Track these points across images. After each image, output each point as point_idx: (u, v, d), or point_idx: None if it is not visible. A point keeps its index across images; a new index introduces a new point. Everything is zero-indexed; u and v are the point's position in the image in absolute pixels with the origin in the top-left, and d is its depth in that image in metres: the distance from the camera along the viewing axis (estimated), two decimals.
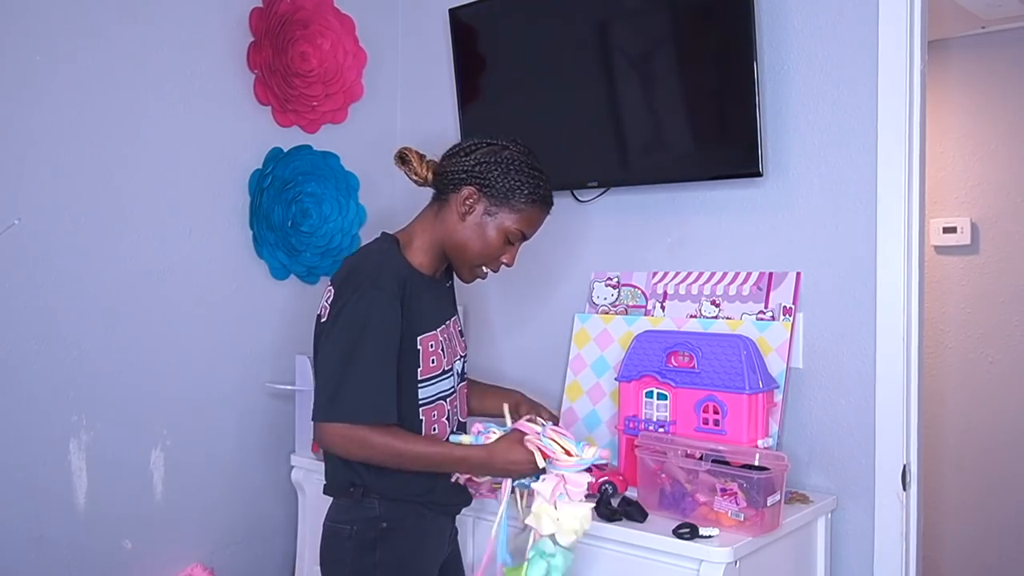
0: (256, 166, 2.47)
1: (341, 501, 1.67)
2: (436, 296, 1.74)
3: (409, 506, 1.65)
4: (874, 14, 1.92)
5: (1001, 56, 3.19)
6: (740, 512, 1.68)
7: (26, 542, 2.06)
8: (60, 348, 2.11)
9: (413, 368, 1.64)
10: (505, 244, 1.69)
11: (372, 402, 1.55)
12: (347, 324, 1.57)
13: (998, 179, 3.21)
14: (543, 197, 1.69)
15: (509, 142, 1.70)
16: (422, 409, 1.66)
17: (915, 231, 1.92)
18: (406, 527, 1.65)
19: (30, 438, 2.07)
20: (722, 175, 2.10)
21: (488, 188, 1.65)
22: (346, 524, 1.64)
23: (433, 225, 1.71)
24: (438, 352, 1.67)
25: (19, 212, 2.04)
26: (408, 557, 1.65)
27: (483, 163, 1.65)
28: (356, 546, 1.63)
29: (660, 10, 2.13)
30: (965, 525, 3.29)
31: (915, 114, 1.91)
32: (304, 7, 2.51)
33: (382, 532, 1.63)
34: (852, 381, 1.97)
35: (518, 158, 1.67)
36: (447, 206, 1.69)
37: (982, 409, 3.24)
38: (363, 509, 1.64)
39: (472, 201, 1.66)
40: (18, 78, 2.03)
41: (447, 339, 1.71)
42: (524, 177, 1.65)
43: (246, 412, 2.47)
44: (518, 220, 1.68)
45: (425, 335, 1.65)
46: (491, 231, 1.67)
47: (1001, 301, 3.21)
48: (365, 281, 1.59)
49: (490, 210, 1.66)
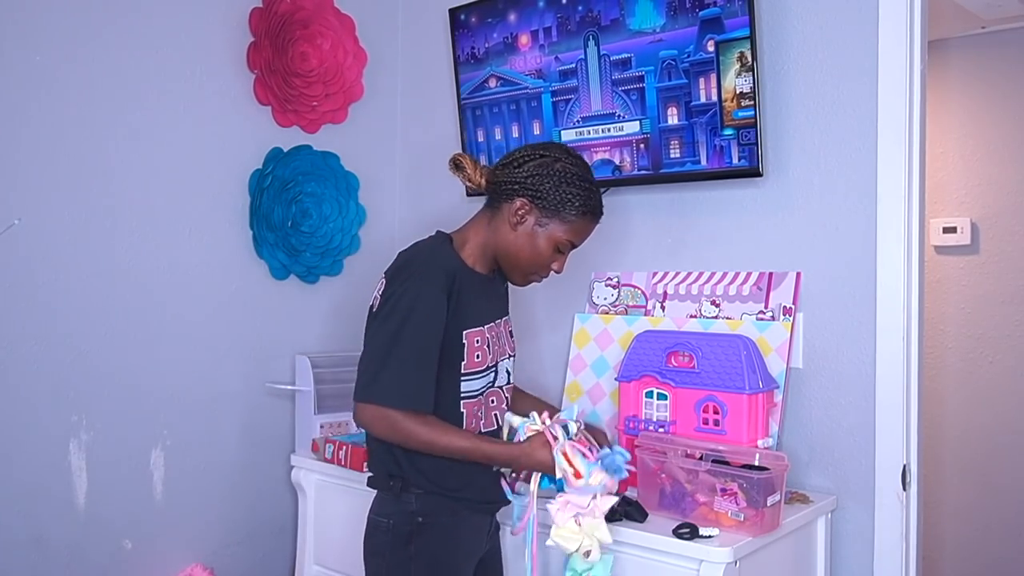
0: (256, 166, 2.47)
1: (383, 495, 1.72)
2: (488, 295, 1.78)
3: (443, 500, 1.68)
4: (874, 14, 1.92)
5: (1001, 56, 3.19)
6: (740, 512, 1.68)
7: (26, 542, 2.06)
8: (60, 348, 2.11)
9: (457, 361, 1.67)
10: (555, 253, 1.74)
11: (408, 390, 1.60)
12: (393, 312, 1.62)
13: (998, 179, 3.21)
14: (593, 209, 1.74)
15: (562, 154, 1.73)
16: (463, 402, 1.69)
17: (915, 231, 1.92)
18: (440, 522, 1.68)
19: (30, 438, 2.07)
20: (722, 175, 2.10)
21: (540, 200, 1.68)
22: (385, 517, 1.70)
23: (486, 230, 1.74)
24: (483, 348, 1.71)
25: (19, 212, 2.04)
26: (442, 551, 1.68)
27: (535, 175, 1.68)
28: (393, 539, 1.68)
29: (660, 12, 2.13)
30: (965, 525, 3.29)
31: (915, 114, 1.91)
32: (304, 7, 2.51)
33: (418, 526, 1.66)
34: (852, 381, 1.97)
35: (570, 171, 1.70)
36: (499, 214, 1.72)
37: (982, 409, 3.24)
38: (401, 503, 1.68)
39: (524, 212, 1.69)
40: (17, 78, 2.03)
41: (495, 337, 1.75)
42: (575, 190, 1.69)
43: (246, 412, 2.47)
44: (568, 231, 1.72)
45: (471, 330, 1.69)
46: (541, 241, 1.71)
47: (1001, 301, 3.21)
48: (414, 273, 1.64)
49: (541, 221, 1.70)
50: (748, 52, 2.04)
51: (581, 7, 2.26)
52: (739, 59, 2.04)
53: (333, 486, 2.31)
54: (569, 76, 2.33)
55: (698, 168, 2.15)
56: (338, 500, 2.29)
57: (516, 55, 2.41)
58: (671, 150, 2.15)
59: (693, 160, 2.15)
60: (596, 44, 2.26)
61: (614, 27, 2.21)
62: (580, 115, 2.33)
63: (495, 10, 2.42)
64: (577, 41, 2.28)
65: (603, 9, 2.22)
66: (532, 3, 2.35)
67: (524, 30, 2.38)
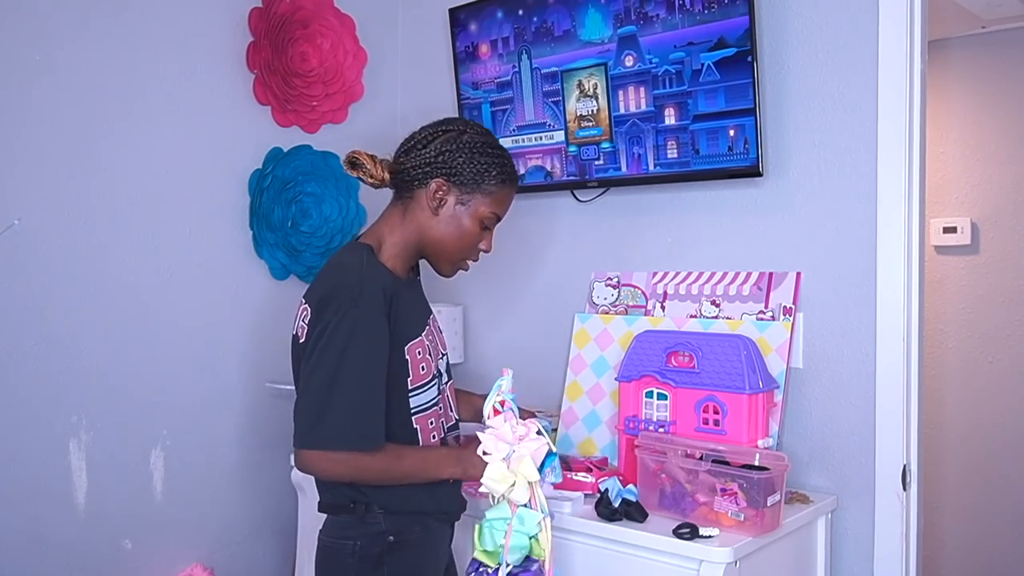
0: (256, 166, 2.47)
1: (340, 517, 1.62)
2: (414, 299, 1.68)
3: (415, 517, 1.61)
4: (874, 14, 1.92)
5: (1001, 56, 3.19)
6: (740, 512, 1.68)
7: (26, 542, 2.06)
8: (60, 348, 2.11)
9: (403, 379, 1.58)
10: (481, 231, 1.65)
11: (356, 428, 1.49)
12: (330, 347, 1.49)
13: (998, 179, 3.21)
14: (511, 175, 1.65)
15: (464, 126, 1.65)
16: (415, 418, 1.61)
17: (915, 231, 1.92)
18: (413, 539, 1.60)
19: (30, 438, 2.06)
20: (722, 175, 2.10)
21: (456, 177, 1.60)
22: (349, 540, 1.58)
23: (402, 225, 1.64)
24: (426, 358, 1.62)
25: (19, 212, 2.04)
26: (416, 568, 1.61)
27: (445, 152, 1.60)
28: (360, 562, 1.57)
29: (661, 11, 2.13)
30: (965, 525, 3.29)
31: (915, 114, 1.91)
32: (304, 7, 2.51)
33: (389, 546, 1.57)
34: (852, 381, 1.97)
35: (478, 139, 1.62)
36: (414, 203, 1.63)
37: (983, 409, 3.24)
38: (366, 524, 1.58)
39: (443, 193, 1.60)
40: (17, 78, 2.03)
41: (431, 342, 1.66)
42: (489, 159, 1.61)
43: (246, 412, 2.47)
44: (491, 203, 1.63)
45: (412, 343, 1.59)
46: (466, 220, 1.62)
47: (1001, 301, 3.21)
48: (347, 299, 1.50)
49: (462, 199, 1.61)
50: (587, 80, 2.27)
51: (536, 18, 2.34)
52: (578, 86, 2.28)
53: None
54: (505, 88, 2.47)
55: (619, 175, 2.25)
56: None
57: (477, 63, 2.50)
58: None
59: (615, 167, 2.27)
60: (528, 57, 2.37)
61: (566, 37, 2.30)
62: (519, 123, 2.46)
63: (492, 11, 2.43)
64: (535, 50, 2.38)
65: (556, 20, 2.30)
66: (520, 6, 2.38)
67: (484, 39, 2.47)
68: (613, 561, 1.73)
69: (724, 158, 2.08)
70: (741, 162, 2.05)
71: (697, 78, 2.09)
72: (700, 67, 2.08)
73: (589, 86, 2.28)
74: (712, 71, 2.06)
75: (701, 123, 2.11)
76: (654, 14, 2.13)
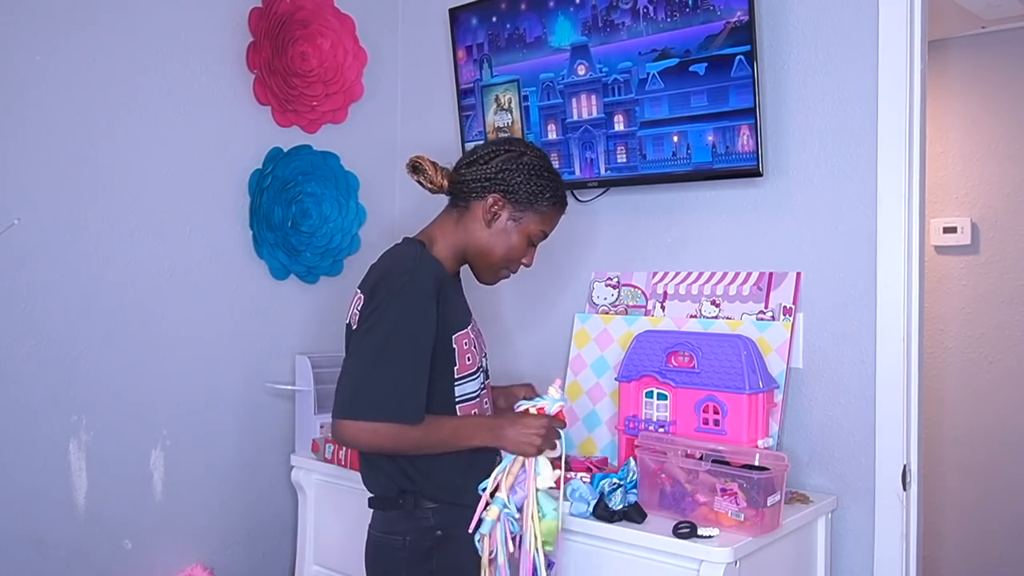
0: (256, 166, 2.47)
1: (390, 512, 1.66)
2: (458, 295, 1.77)
3: (462, 511, 1.62)
4: (874, 14, 1.92)
5: (1001, 56, 3.19)
6: (740, 512, 1.67)
7: (26, 543, 2.06)
8: (59, 348, 2.11)
9: (449, 367, 1.65)
10: (527, 246, 1.75)
11: (395, 402, 1.55)
12: (378, 324, 1.57)
13: (998, 179, 3.21)
14: (562, 199, 1.75)
15: (525, 147, 1.74)
16: (460, 407, 1.66)
17: (915, 231, 1.92)
18: (460, 533, 1.61)
19: (29, 438, 2.06)
20: (722, 175, 2.10)
21: (512, 194, 1.69)
22: (398, 535, 1.63)
23: (455, 231, 1.72)
24: (472, 349, 1.69)
25: (19, 212, 2.04)
26: (464, 563, 1.63)
27: (505, 170, 1.69)
28: (411, 557, 1.62)
29: (660, 14, 2.13)
30: (965, 525, 3.29)
31: (915, 114, 1.91)
32: (304, 7, 2.51)
33: (437, 541, 1.63)
34: (852, 381, 1.97)
35: (536, 163, 1.71)
36: (469, 213, 1.71)
37: (983, 409, 3.24)
38: (415, 519, 1.63)
39: (498, 208, 1.69)
40: (17, 78, 2.03)
41: (476, 336, 1.74)
42: (545, 182, 1.71)
43: (246, 412, 2.47)
44: (541, 222, 1.73)
45: (459, 333, 1.67)
46: (516, 235, 1.72)
47: (1002, 301, 3.21)
48: (397, 284, 1.59)
49: (515, 215, 1.70)
50: (503, 95, 2.37)
51: (509, 24, 2.39)
52: (496, 100, 2.42)
53: (333, 486, 2.31)
54: (468, 95, 2.54)
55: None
56: (338, 500, 2.29)
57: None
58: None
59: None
60: (490, 67, 2.44)
61: (537, 44, 2.35)
62: (477, 129, 2.54)
63: (498, 11, 2.43)
64: (503, 57, 2.44)
65: (528, 27, 2.36)
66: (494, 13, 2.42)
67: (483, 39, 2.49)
68: (613, 561, 1.72)
69: (723, 158, 2.08)
70: (741, 162, 2.05)
71: (643, 86, 2.16)
72: (645, 76, 2.15)
73: (504, 100, 2.42)
74: (656, 80, 2.14)
75: (647, 129, 2.19)
76: (620, 21, 2.18)
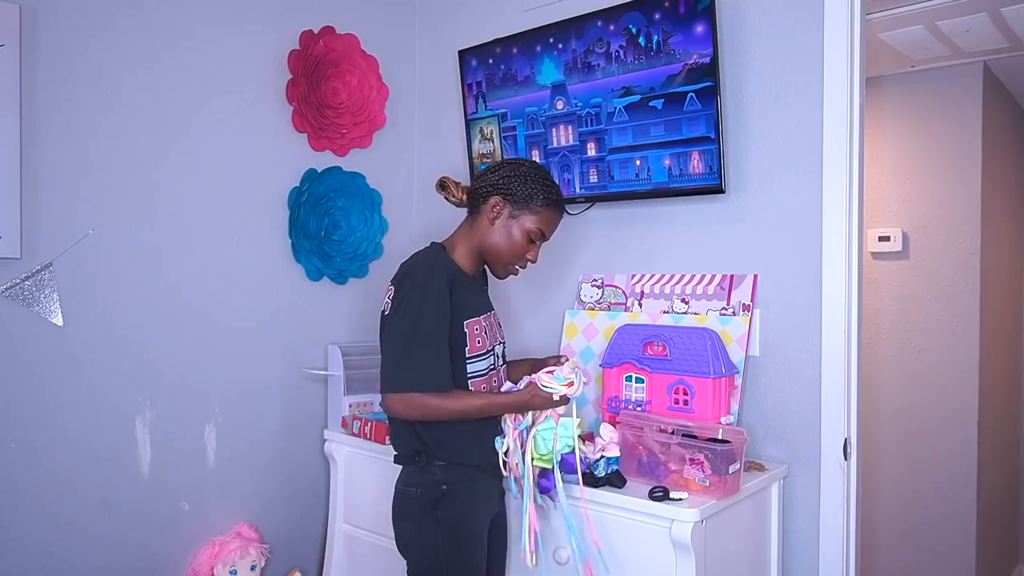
0: (294, 184, 2.46)
1: (409, 468, 1.71)
2: (477, 292, 1.80)
3: (464, 469, 1.69)
4: (819, 55, 1.92)
5: (927, 91, 3.20)
6: (706, 479, 1.67)
7: (98, 505, 2.06)
8: (128, 340, 2.11)
9: (462, 348, 1.68)
10: (528, 243, 1.76)
11: (429, 374, 1.61)
12: (406, 314, 1.62)
13: (926, 195, 3.21)
14: (555, 201, 1.77)
15: (526, 161, 1.79)
16: (471, 381, 1.70)
17: (855, 239, 1.92)
18: (462, 488, 1.68)
19: (102, 416, 2.07)
20: (690, 192, 2.10)
21: (511, 195, 1.72)
22: (414, 487, 1.68)
23: (470, 234, 1.77)
24: (482, 335, 1.72)
25: (93, 224, 2.04)
26: (463, 513, 1.68)
27: (505, 176, 1.74)
28: (421, 505, 1.67)
29: (629, 56, 2.13)
30: (896, 489, 3.29)
31: (854, 140, 1.91)
32: (335, 49, 2.51)
33: (443, 493, 1.66)
34: (801, 367, 1.97)
35: (533, 171, 1.75)
36: (479, 216, 1.76)
37: (911, 391, 3.25)
38: (426, 474, 1.68)
39: (499, 208, 1.73)
40: (91, 109, 2.03)
41: (488, 325, 1.76)
42: (539, 185, 1.74)
43: (286, 393, 2.47)
44: (537, 221, 1.74)
45: (471, 320, 1.70)
46: (516, 231, 1.74)
47: (928, 299, 3.21)
48: (419, 279, 1.65)
49: (513, 213, 1.73)
50: (486, 127, 2.42)
51: (503, 65, 2.41)
52: (480, 131, 2.47)
53: (360, 456, 2.31)
54: None
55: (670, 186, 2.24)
56: (364, 468, 2.29)
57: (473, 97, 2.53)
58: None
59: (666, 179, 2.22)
60: (484, 102, 2.47)
61: (526, 82, 2.36)
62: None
63: (495, 54, 2.43)
64: (497, 93, 2.44)
65: (518, 68, 2.37)
66: (490, 55, 2.41)
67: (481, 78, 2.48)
68: (598, 521, 1.72)
69: (678, 179, 2.09)
70: (694, 182, 2.05)
71: (611, 119, 2.18)
72: (613, 110, 2.17)
73: (487, 131, 2.46)
74: (622, 113, 2.16)
75: (615, 155, 2.20)
76: (596, 63, 2.19)
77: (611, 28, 2.14)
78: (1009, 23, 2.67)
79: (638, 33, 2.09)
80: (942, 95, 3.16)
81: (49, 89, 1.95)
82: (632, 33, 2.10)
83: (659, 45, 2.05)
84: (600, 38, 2.17)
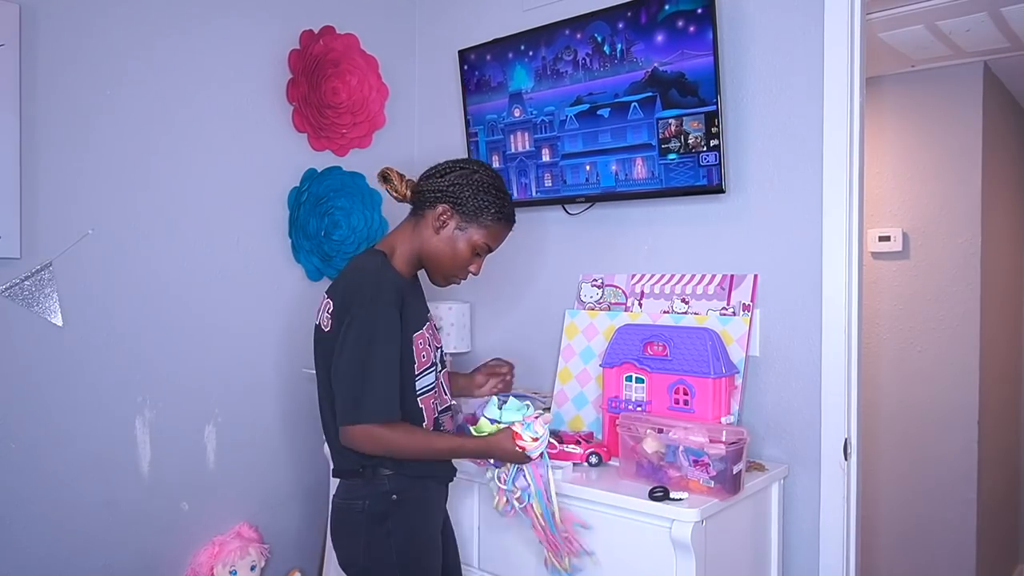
0: (294, 184, 2.46)
1: (352, 481, 1.62)
2: (416, 296, 1.70)
3: (416, 480, 1.61)
4: (820, 55, 1.92)
5: (928, 91, 3.20)
6: (710, 479, 1.67)
7: (98, 504, 2.06)
8: (127, 340, 2.11)
9: (410, 364, 1.59)
10: (473, 256, 1.66)
11: (382, 405, 1.50)
12: (360, 336, 1.50)
13: (926, 195, 3.21)
14: (507, 216, 1.66)
15: (479, 167, 1.66)
16: (420, 399, 1.61)
17: (855, 239, 1.92)
18: (413, 497, 1.60)
19: (102, 415, 2.07)
20: (690, 192, 2.10)
21: (460, 206, 1.61)
22: (358, 500, 1.59)
23: (411, 237, 1.65)
24: (427, 348, 1.63)
25: (92, 224, 2.04)
26: (416, 524, 1.61)
27: (456, 184, 1.61)
28: (368, 519, 1.58)
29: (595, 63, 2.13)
30: (896, 489, 3.30)
31: (855, 140, 1.91)
32: (335, 48, 2.51)
33: (393, 504, 1.58)
34: (801, 367, 1.97)
35: (486, 181, 1.63)
36: (423, 221, 1.64)
37: (911, 391, 3.25)
38: (373, 486, 1.58)
39: (445, 217, 1.62)
40: (91, 109, 2.03)
41: (431, 334, 1.68)
42: (491, 198, 1.62)
43: (285, 393, 2.47)
44: (485, 235, 1.64)
45: (417, 333, 1.61)
46: (461, 244, 1.63)
47: (928, 299, 3.21)
48: (368, 295, 1.52)
49: (461, 225, 1.62)
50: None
51: (477, 72, 2.45)
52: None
53: None
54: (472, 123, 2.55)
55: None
56: None
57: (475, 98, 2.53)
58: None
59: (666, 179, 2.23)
60: (464, 106, 2.51)
61: (499, 88, 2.40)
62: None
63: (495, 52, 2.43)
64: (472, 98, 2.48)
65: (492, 74, 2.41)
66: (516, 51, 2.38)
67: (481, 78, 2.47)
68: (599, 521, 1.72)
69: (624, 183, 2.14)
70: (707, 181, 2.05)
71: (563, 126, 2.22)
72: (565, 118, 2.21)
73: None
74: (573, 121, 2.19)
75: (567, 160, 2.25)
76: (564, 70, 2.23)
77: (578, 36, 2.17)
78: (1009, 23, 2.67)
79: (603, 41, 2.12)
80: (942, 95, 3.16)
81: (49, 89, 1.95)
82: (597, 41, 2.13)
83: (623, 53, 2.08)
84: (568, 46, 2.19)
